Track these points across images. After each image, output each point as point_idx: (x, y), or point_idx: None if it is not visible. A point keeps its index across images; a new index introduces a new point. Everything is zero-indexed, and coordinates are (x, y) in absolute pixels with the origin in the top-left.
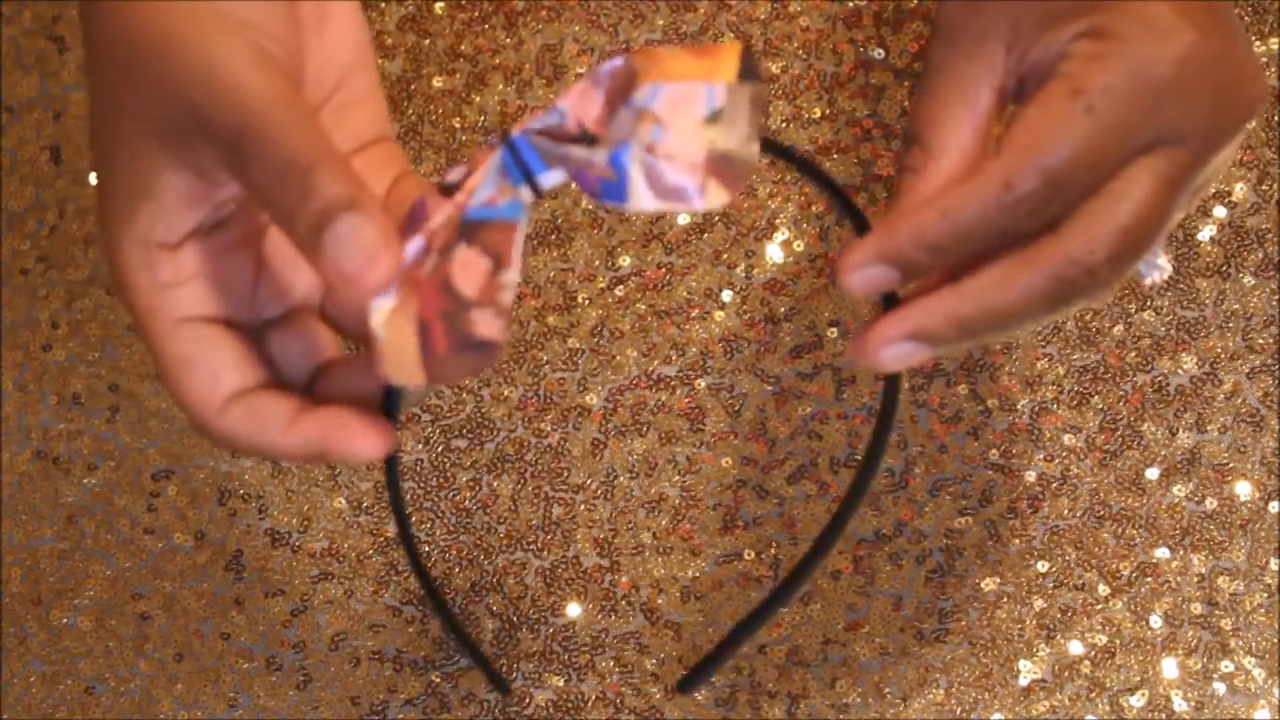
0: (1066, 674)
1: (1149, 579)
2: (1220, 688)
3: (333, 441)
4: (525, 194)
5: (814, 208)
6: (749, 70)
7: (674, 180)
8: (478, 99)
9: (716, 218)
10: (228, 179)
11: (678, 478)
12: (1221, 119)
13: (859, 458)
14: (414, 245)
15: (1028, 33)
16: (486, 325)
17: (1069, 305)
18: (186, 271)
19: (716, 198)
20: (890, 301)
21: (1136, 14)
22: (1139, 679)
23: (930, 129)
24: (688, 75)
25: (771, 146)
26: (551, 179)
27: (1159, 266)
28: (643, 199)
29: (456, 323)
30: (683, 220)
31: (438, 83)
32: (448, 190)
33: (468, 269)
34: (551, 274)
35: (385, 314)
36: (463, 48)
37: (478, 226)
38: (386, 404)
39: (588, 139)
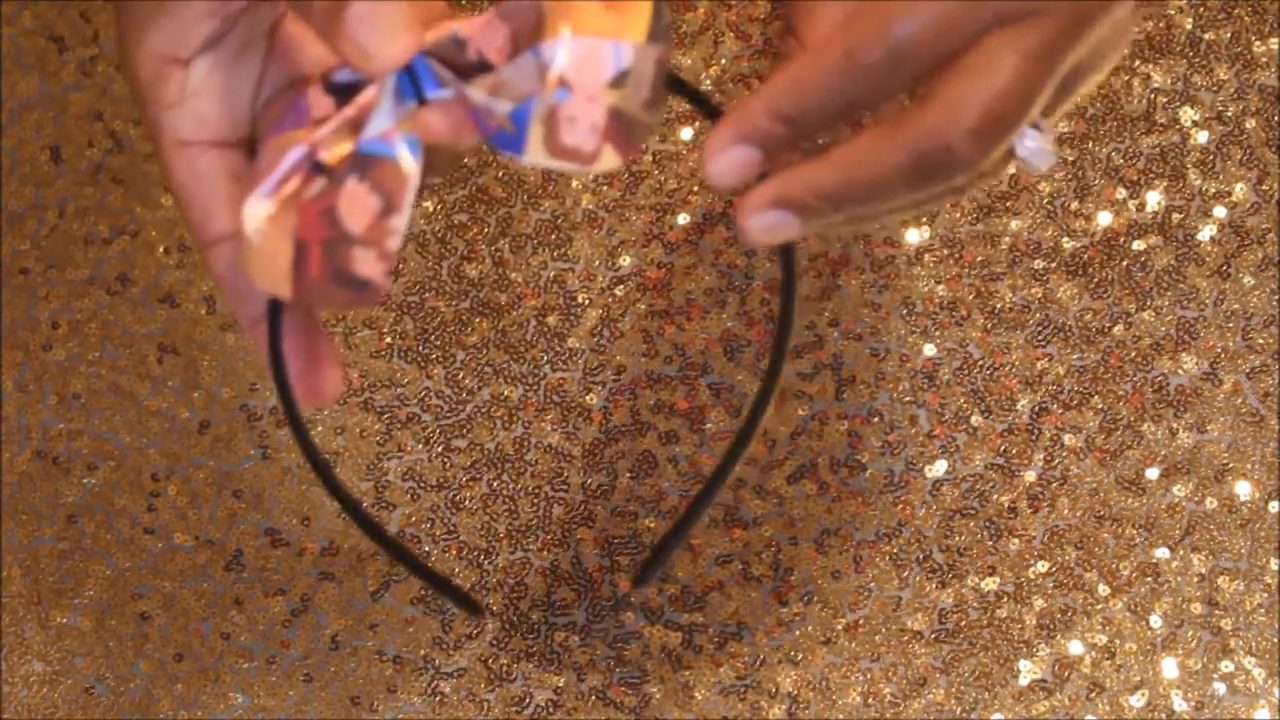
0: (1066, 674)
1: (1149, 579)
2: (1220, 688)
3: (301, 385)
4: (415, 136)
5: None
6: (659, 30)
7: (572, 141)
8: None
9: (716, 218)
10: None
11: (678, 477)
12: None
13: (858, 457)
14: (294, 154)
15: None
16: (368, 265)
17: (933, 183)
18: (192, 88)
19: (609, 162)
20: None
21: None
22: (1139, 679)
23: (803, 17)
24: (598, 30)
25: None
26: (441, 94)
27: (1044, 153)
28: (538, 156)
29: (335, 254)
30: (682, 220)
31: None
32: (336, 90)
33: (355, 205)
34: (551, 274)
35: (260, 219)
36: None
37: (371, 162)
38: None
39: (484, 68)
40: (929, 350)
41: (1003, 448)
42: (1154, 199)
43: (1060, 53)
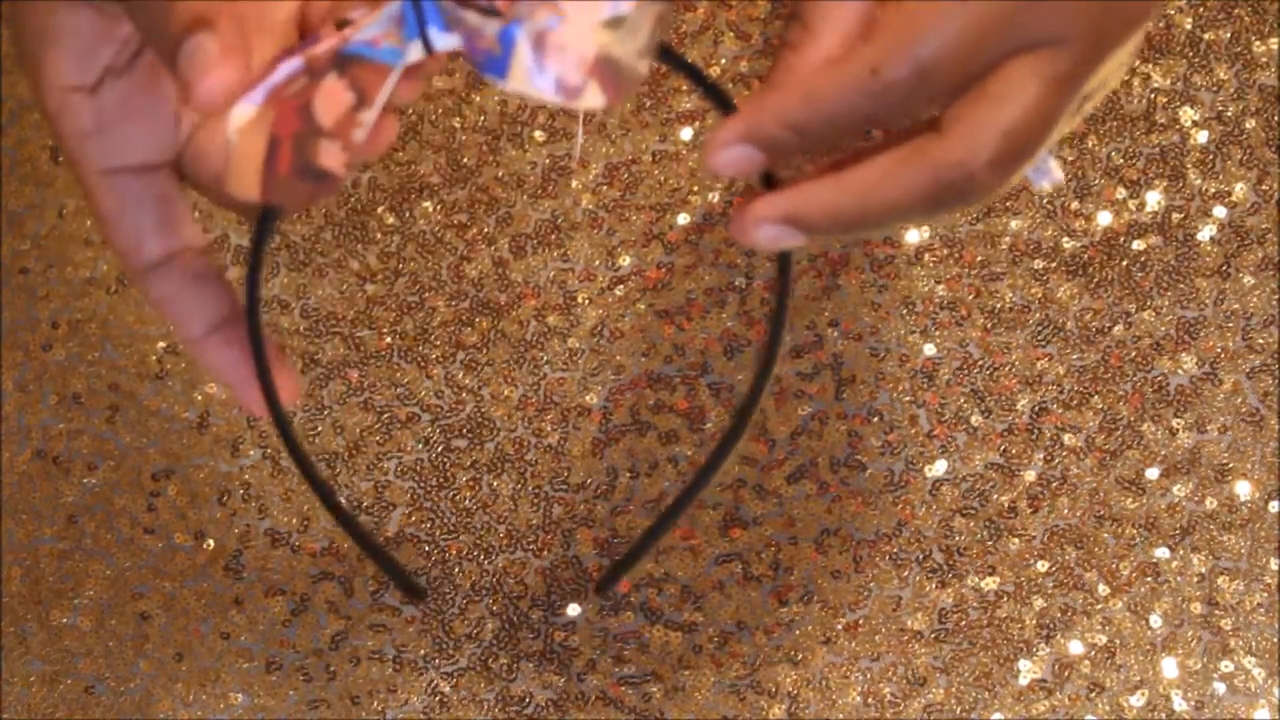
0: (1066, 674)
1: (1149, 579)
2: (1220, 688)
3: (238, 391)
4: (414, 49)
5: None
6: None
7: (557, 71)
8: (478, 99)
9: (716, 218)
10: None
11: (678, 478)
12: (1110, 19)
13: (858, 457)
14: (289, 65)
15: None
16: (330, 156)
17: (948, 207)
18: (108, 114)
19: (594, 99)
20: (769, 182)
21: None
22: (1139, 679)
23: (812, 6)
24: None
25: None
26: (447, 41)
27: (1049, 172)
28: (521, 81)
29: (303, 147)
30: (683, 220)
31: (438, 83)
32: (344, 26)
33: (330, 98)
34: (551, 274)
35: (243, 121)
36: None
37: (352, 60)
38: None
39: (492, 12)
40: (929, 350)
41: (1003, 448)
42: (1154, 199)
43: (1081, 79)
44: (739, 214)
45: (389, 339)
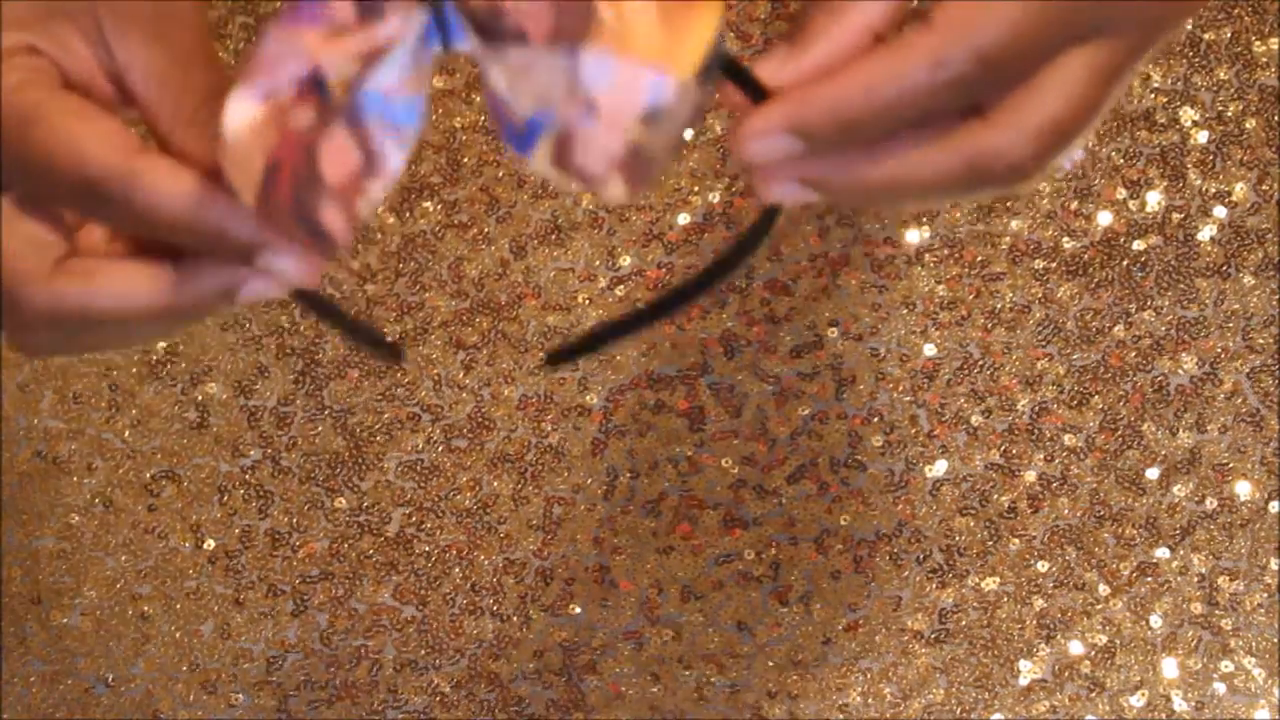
0: (1066, 674)
1: (1149, 579)
2: (1220, 688)
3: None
4: (420, 97)
5: (814, 207)
6: (710, 66)
7: (582, 161)
8: (478, 99)
9: (716, 218)
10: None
11: (678, 478)
12: (1165, 7)
13: (858, 457)
14: (297, 66)
15: None
16: (332, 219)
17: (982, 192)
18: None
19: (614, 192)
20: (756, 96)
21: None
22: (1139, 679)
23: None
24: (646, 50)
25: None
26: (466, 45)
27: (1071, 152)
28: (542, 166)
29: (304, 193)
30: (683, 220)
31: (438, 83)
32: (366, 5)
33: (337, 154)
34: (551, 274)
35: (243, 122)
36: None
37: (365, 117)
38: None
39: (520, 39)
40: (929, 350)
41: (1003, 448)
42: (1154, 199)
43: (1129, 69)
44: (737, 132)
45: (389, 339)
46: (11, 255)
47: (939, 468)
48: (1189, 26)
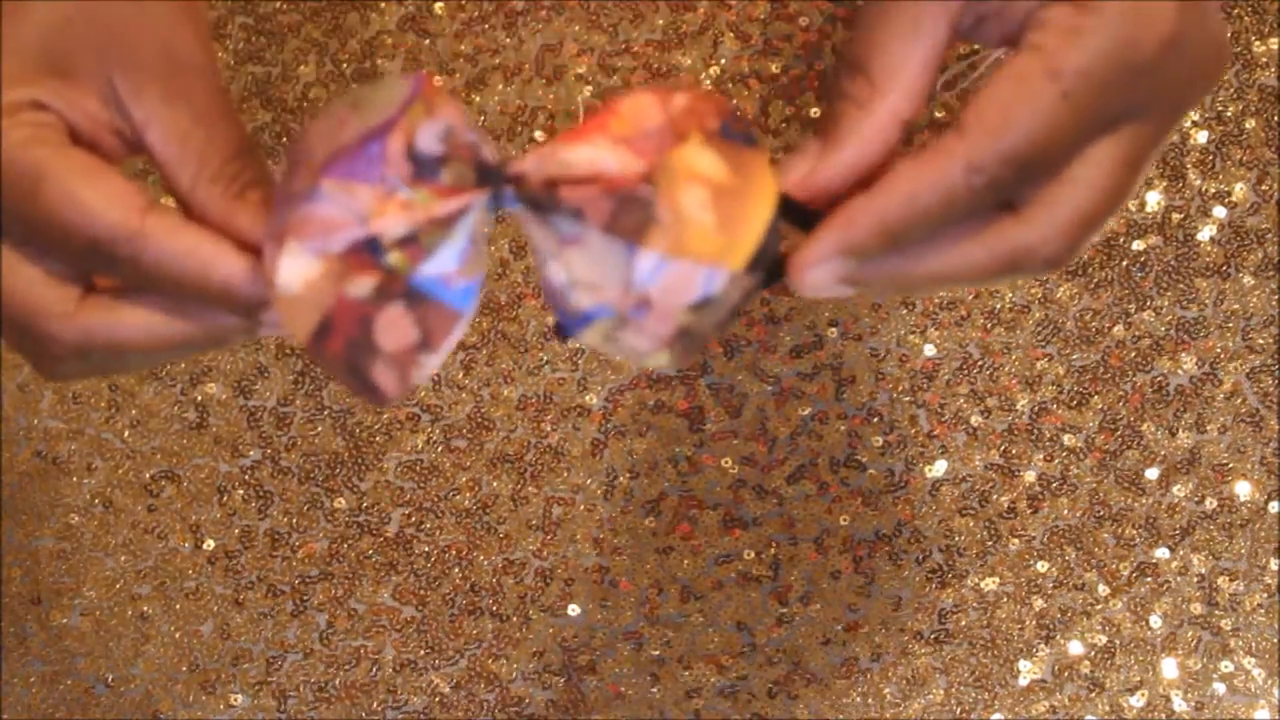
0: (1066, 674)
1: (1149, 579)
2: (1220, 688)
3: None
4: (477, 280)
5: None
6: (763, 256)
7: (630, 343)
8: (478, 99)
9: None
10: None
11: (678, 478)
12: (1192, 90)
13: (858, 457)
14: (354, 232)
15: None
16: (385, 379)
17: (1011, 279)
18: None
19: (660, 362)
20: (805, 221)
21: None
22: (1139, 679)
23: (878, 59)
24: (700, 251)
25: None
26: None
27: None
28: (594, 342)
29: (359, 351)
30: None
31: (438, 83)
32: (418, 160)
33: (393, 328)
34: None
35: (297, 278)
36: (463, 48)
37: (422, 298)
38: None
39: (577, 216)
40: (929, 350)
41: (1003, 448)
42: (1154, 199)
43: (1155, 150)
44: (791, 264)
45: None
46: (36, 296)
47: (939, 468)
48: None
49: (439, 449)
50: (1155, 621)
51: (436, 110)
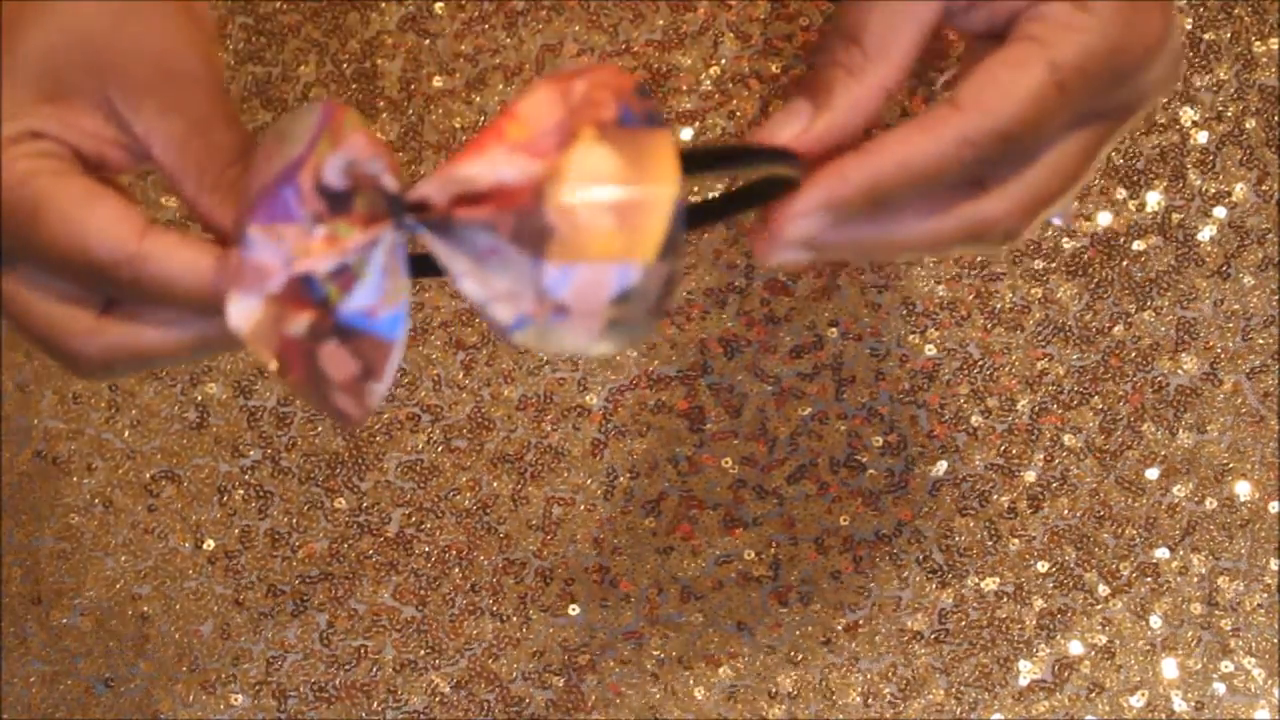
0: (1066, 674)
1: (1149, 579)
2: (1220, 688)
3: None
4: (402, 307)
5: None
6: (671, 244)
7: (567, 342)
8: (478, 99)
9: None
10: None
11: (678, 478)
12: (1155, 96)
13: (858, 457)
14: (282, 276)
15: None
16: (345, 404)
17: (974, 250)
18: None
19: (602, 350)
20: (782, 185)
21: None
22: (1139, 679)
23: (871, 32)
24: (604, 254)
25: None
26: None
27: (1064, 214)
28: (530, 343)
29: (316, 384)
30: None
31: (438, 83)
32: (328, 195)
33: (335, 362)
34: None
35: (247, 320)
36: (463, 48)
37: (352, 333)
38: None
39: (488, 230)
40: (929, 350)
41: (1003, 448)
42: (1154, 199)
43: (1108, 147)
44: (766, 233)
45: None
46: (57, 316)
47: (939, 468)
48: (1189, 26)
49: (439, 449)
50: (1155, 621)
51: (341, 141)
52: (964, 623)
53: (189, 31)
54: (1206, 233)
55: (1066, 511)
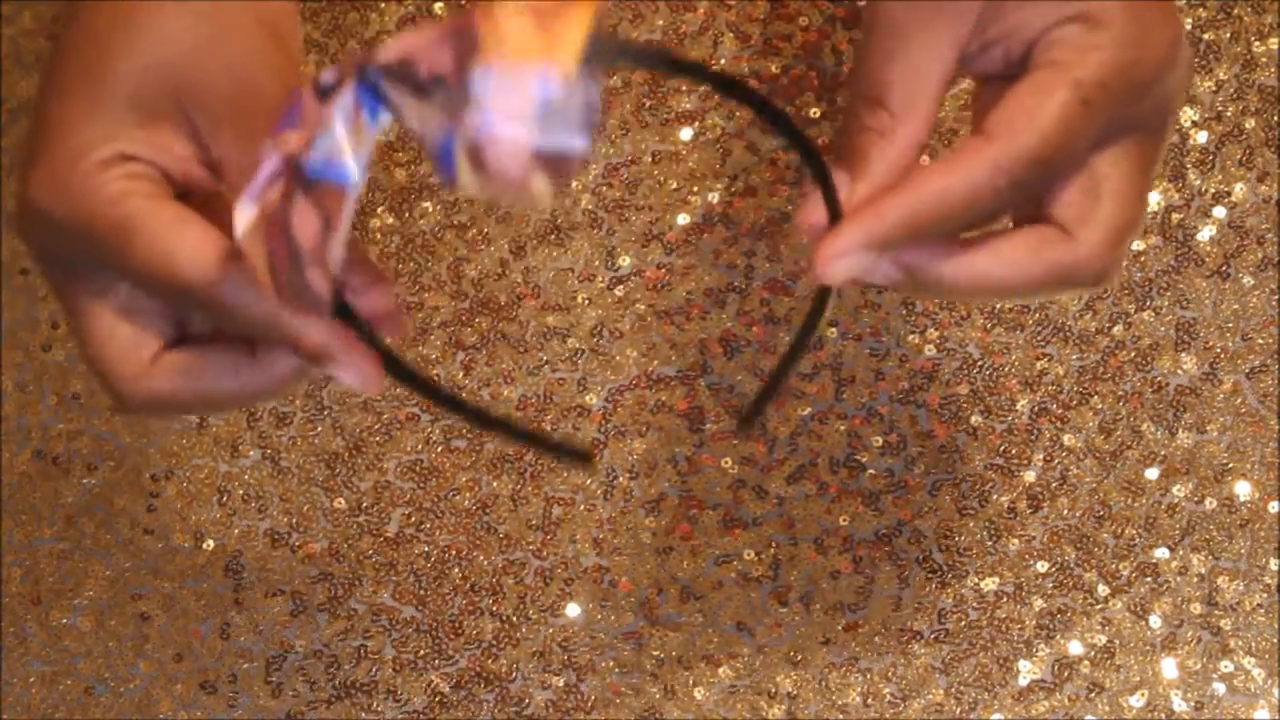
0: (1066, 674)
1: (1149, 579)
2: (1220, 688)
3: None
4: (363, 153)
5: None
6: (592, 59)
7: (496, 165)
8: None
9: (716, 218)
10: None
11: (678, 478)
12: (1178, 102)
13: (858, 457)
14: (270, 165)
15: None
16: (317, 281)
17: (1063, 293)
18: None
19: (541, 190)
20: (831, 206)
21: (1124, 5)
22: (1139, 679)
23: (895, 92)
24: (523, 56)
25: (725, 85)
26: (383, 122)
27: None
28: (470, 185)
29: (295, 269)
30: (682, 220)
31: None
32: (323, 92)
33: (303, 221)
34: (551, 274)
35: (245, 225)
36: None
37: (313, 183)
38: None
39: (441, 83)
40: (929, 350)
41: (1003, 448)
42: (1154, 199)
43: (1159, 157)
44: (816, 255)
45: (389, 339)
46: (111, 358)
47: (939, 467)
48: (1189, 26)
49: (439, 449)
50: (1155, 621)
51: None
52: (964, 623)
53: (271, 57)
54: (1206, 233)
55: (1066, 511)
